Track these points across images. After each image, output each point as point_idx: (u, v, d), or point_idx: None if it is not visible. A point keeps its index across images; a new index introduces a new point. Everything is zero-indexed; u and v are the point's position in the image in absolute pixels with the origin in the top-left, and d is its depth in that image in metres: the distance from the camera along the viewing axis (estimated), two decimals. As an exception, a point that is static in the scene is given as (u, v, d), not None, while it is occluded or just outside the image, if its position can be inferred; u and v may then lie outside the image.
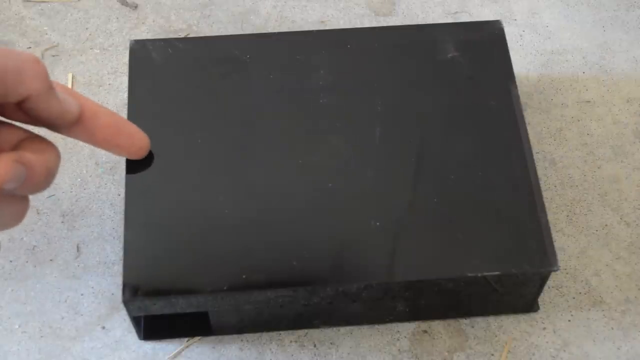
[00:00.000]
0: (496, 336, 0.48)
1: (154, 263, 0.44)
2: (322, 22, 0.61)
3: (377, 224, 0.45)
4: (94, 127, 0.42)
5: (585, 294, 0.50)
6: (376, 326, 0.48)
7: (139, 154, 0.45)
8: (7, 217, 0.38)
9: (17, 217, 0.39)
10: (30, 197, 0.42)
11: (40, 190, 0.39)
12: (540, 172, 0.53)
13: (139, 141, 0.44)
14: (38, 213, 0.52)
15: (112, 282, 0.49)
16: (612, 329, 0.49)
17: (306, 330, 0.48)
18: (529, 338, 0.48)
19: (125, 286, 0.43)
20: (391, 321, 0.48)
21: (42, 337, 0.48)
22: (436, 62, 0.50)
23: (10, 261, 0.50)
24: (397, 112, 0.49)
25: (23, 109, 0.39)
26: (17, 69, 0.39)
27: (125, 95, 0.56)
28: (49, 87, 0.40)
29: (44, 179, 0.39)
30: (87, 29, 0.60)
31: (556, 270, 0.44)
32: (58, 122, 0.40)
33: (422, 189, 0.46)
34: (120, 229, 0.51)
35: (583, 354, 0.48)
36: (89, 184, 0.53)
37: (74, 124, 0.41)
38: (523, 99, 0.56)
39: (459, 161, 0.47)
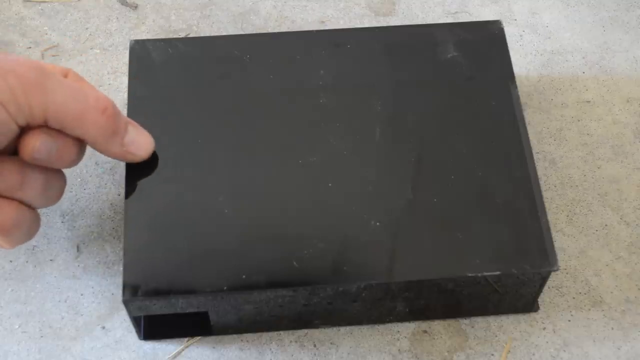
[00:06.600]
0: (496, 336, 0.48)
1: (154, 263, 0.44)
2: (322, 22, 0.61)
3: (377, 224, 0.45)
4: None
5: (585, 294, 0.50)
6: (376, 326, 0.48)
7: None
8: (54, 191, 0.42)
9: (60, 192, 0.43)
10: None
11: (72, 164, 0.42)
12: (540, 172, 0.53)
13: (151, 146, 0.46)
14: (38, 213, 0.52)
15: (112, 282, 0.49)
16: (612, 329, 0.48)
17: (306, 330, 0.48)
18: (529, 338, 0.48)
19: (125, 286, 0.43)
20: (391, 321, 0.48)
21: (42, 337, 0.48)
22: (436, 62, 0.50)
23: (10, 261, 0.50)
24: (397, 112, 0.49)
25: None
26: (79, 114, 0.40)
27: (125, 95, 0.56)
28: (109, 136, 0.42)
29: (76, 154, 0.42)
30: (87, 29, 0.60)
31: (556, 270, 0.44)
32: (117, 159, 0.44)
33: (422, 189, 0.46)
34: (120, 229, 0.51)
35: (583, 354, 0.48)
36: (89, 184, 0.53)
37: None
38: (523, 99, 0.56)
39: (459, 161, 0.47)
